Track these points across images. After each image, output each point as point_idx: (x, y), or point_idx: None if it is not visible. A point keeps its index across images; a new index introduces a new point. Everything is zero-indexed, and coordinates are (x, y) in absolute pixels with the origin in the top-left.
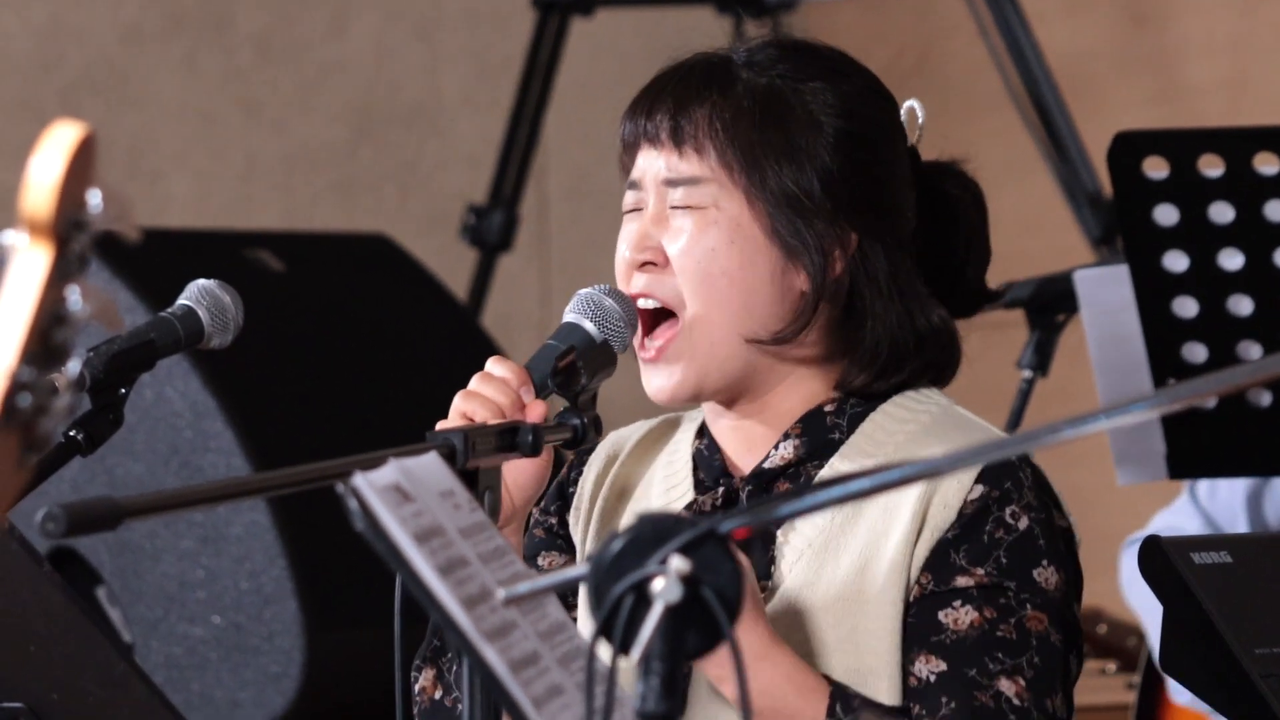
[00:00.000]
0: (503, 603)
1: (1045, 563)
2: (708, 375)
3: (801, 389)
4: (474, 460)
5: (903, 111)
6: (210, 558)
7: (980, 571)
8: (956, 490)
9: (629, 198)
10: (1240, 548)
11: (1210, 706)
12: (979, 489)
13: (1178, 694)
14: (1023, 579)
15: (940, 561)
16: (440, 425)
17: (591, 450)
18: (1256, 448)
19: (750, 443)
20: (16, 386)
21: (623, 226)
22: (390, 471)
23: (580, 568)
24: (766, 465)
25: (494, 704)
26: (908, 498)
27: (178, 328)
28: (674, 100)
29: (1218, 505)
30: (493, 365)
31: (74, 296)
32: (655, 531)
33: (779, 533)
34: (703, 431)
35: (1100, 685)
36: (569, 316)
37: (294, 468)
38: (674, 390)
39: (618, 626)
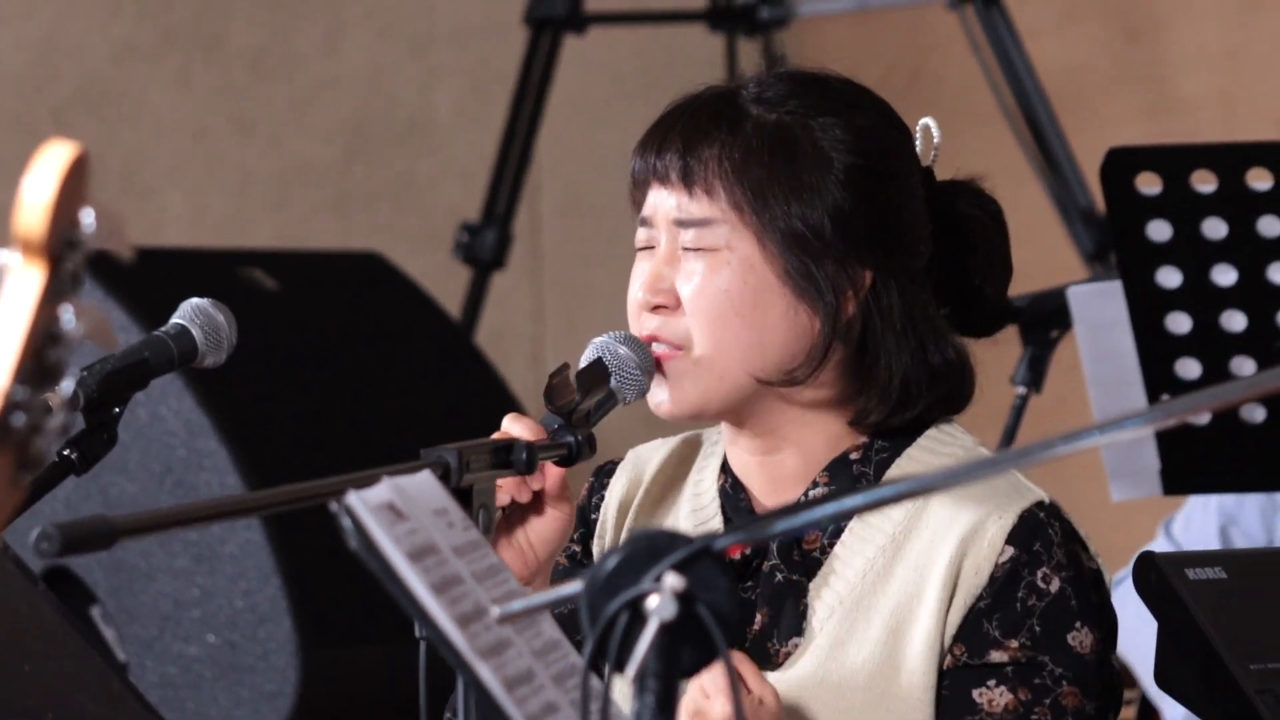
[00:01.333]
0: (497, 620)
1: (1079, 624)
2: (710, 401)
3: (821, 429)
4: (468, 478)
5: (917, 130)
6: (205, 576)
7: (1014, 644)
8: (988, 554)
9: (641, 235)
10: (1235, 563)
11: None
12: (1009, 551)
13: None
14: (1057, 649)
15: (973, 632)
16: None
17: (610, 473)
18: (1250, 463)
19: (775, 482)
20: (10, 406)
21: (635, 264)
22: (384, 490)
23: (574, 585)
24: None
25: None
26: (939, 560)
27: (171, 347)
28: (683, 139)
29: (1191, 539)
30: (509, 424)
31: (67, 315)
32: (650, 549)
33: (810, 587)
34: (726, 467)
35: None
36: (585, 365)
37: (288, 486)
38: (673, 408)
39: (612, 644)
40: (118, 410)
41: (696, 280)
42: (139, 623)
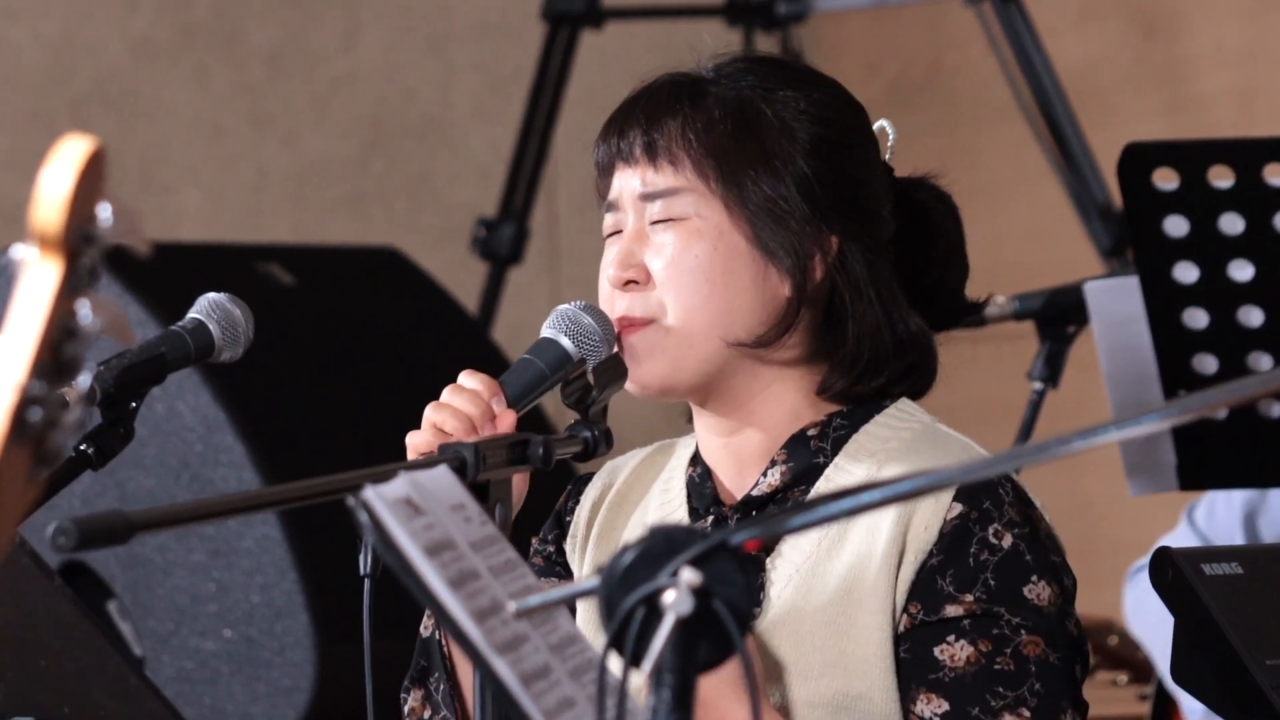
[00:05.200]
0: (514, 615)
1: (1035, 578)
2: (681, 370)
3: (785, 400)
4: (485, 473)
5: (874, 130)
6: (221, 571)
7: (969, 598)
8: (935, 510)
9: (608, 221)
10: (1251, 559)
11: (1222, 718)
12: (957, 508)
13: (1192, 715)
14: (1013, 600)
15: (928, 589)
16: (410, 435)
17: (588, 480)
18: (1267, 458)
19: (740, 464)
20: (27, 400)
21: (605, 251)
22: (401, 485)
23: (591, 580)
24: (754, 493)
25: (506, 717)
26: (885, 520)
27: (188, 341)
28: (645, 116)
29: (1215, 527)
30: (464, 378)
31: (84, 310)
32: (666, 544)
33: (768, 560)
34: (696, 458)
35: (1112, 696)
36: (546, 332)
37: (305, 481)
38: (645, 384)
39: (629, 639)
40: (134, 405)
41: (667, 251)
42: (155, 617)
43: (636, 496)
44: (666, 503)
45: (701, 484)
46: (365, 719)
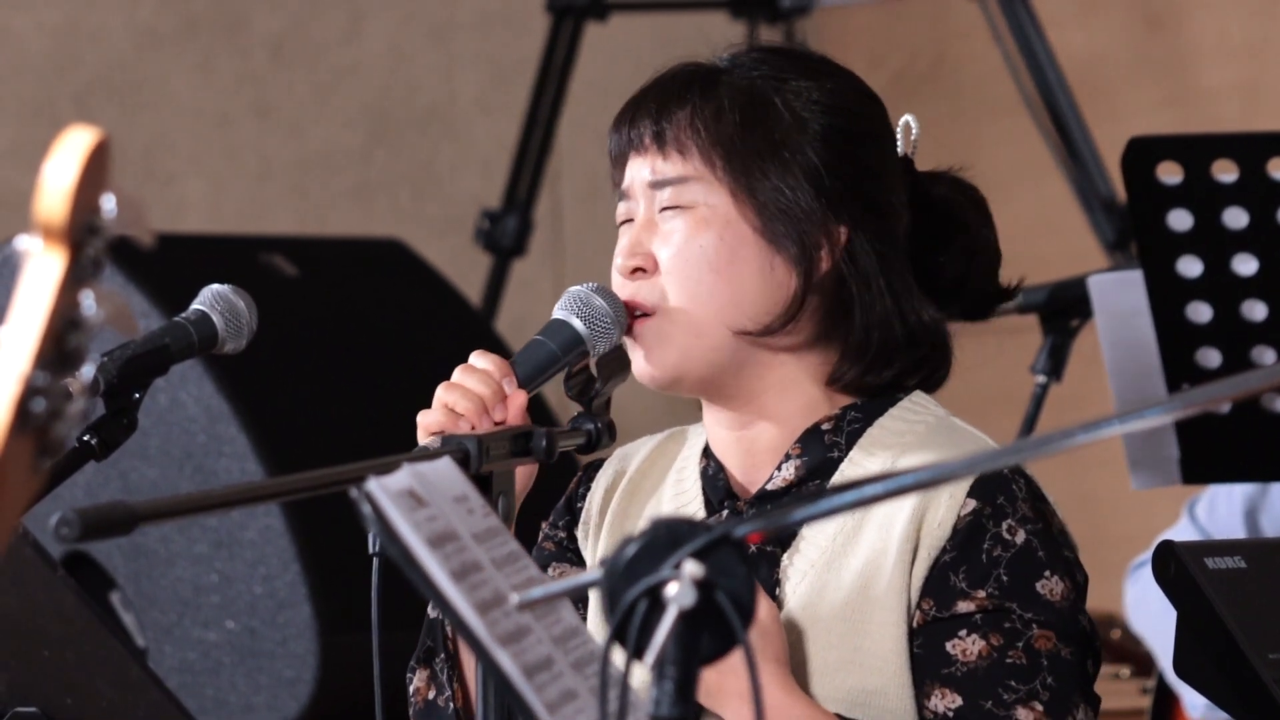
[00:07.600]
0: (516, 607)
1: (1048, 574)
2: (689, 359)
3: (798, 392)
4: (488, 465)
5: (899, 125)
6: (224, 562)
7: (982, 594)
8: (949, 506)
9: (620, 209)
10: (1254, 553)
11: (1224, 712)
12: (971, 504)
13: (1193, 709)
14: (1026, 596)
15: (940, 585)
16: (421, 415)
17: (599, 466)
18: (1270, 452)
19: (752, 458)
20: (30, 391)
21: (619, 239)
22: (404, 476)
23: (594, 572)
24: (770, 488)
25: (508, 709)
26: (901, 516)
27: (192, 332)
28: (656, 106)
29: (1216, 523)
30: (475, 358)
31: (88, 301)
32: (669, 536)
33: (784, 555)
34: (708, 450)
35: (1114, 690)
36: (558, 313)
37: (308, 472)
38: (654, 375)
39: (631, 631)
40: (138, 396)
41: (675, 239)
42: (158, 608)
43: (650, 486)
44: (680, 494)
45: (715, 477)
46: (369, 708)
